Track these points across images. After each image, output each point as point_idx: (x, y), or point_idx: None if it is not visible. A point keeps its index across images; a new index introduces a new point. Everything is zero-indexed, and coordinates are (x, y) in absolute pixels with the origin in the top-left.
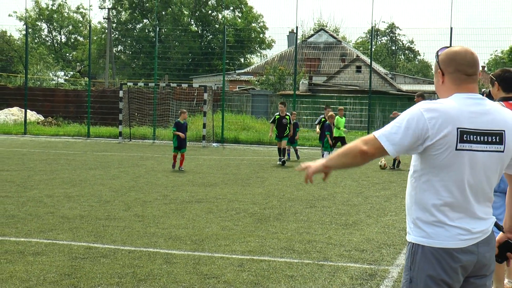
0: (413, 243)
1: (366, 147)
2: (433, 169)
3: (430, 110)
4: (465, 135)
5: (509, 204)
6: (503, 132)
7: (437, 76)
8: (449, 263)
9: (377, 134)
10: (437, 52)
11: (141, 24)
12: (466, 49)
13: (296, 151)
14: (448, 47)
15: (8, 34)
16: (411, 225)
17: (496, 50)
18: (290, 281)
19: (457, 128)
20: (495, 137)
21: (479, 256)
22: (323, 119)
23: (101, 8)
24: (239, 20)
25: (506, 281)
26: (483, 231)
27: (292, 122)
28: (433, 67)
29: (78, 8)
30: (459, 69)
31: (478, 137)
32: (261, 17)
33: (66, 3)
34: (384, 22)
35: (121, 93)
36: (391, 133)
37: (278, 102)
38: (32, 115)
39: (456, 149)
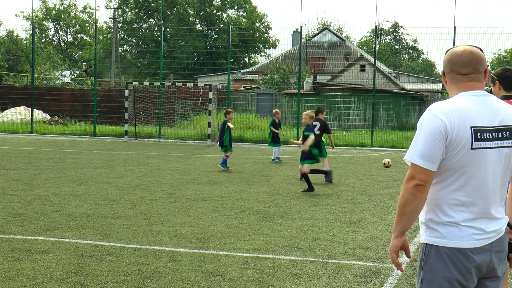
0: (426, 244)
1: (415, 180)
2: (448, 170)
3: (442, 111)
4: (479, 134)
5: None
6: None
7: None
8: (464, 264)
9: (412, 159)
10: (446, 51)
11: (146, 24)
12: (465, 49)
13: (226, 159)
14: (457, 46)
15: (15, 34)
16: (423, 227)
17: (500, 49)
18: (295, 278)
19: (471, 127)
20: (506, 133)
21: (492, 257)
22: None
23: (107, 8)
24: (244, 20)
25: None
26: (497, 231)
27: None
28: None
29: (84, 7)
30: (453, 69)
31: (491, 134)
32: (265, 16)
33: (76, 4)
34: (387, 21)
35: (126, 92)
36: (423, 152)
37: (283, 101)
38: (39, 114)
39: (472, 148)
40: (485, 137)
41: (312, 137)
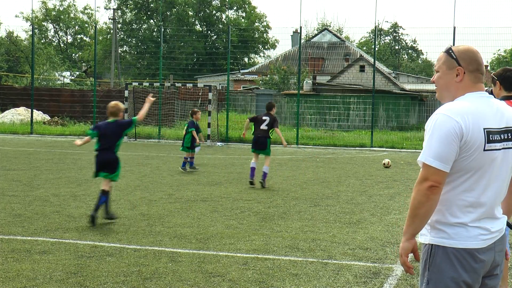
0: (432, 245)
1: (429, 182)
2: (459, 171)
3: (457, 112)
4: (490, 135)
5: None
6: None
7: (451, 73)
8: (471, 264)
9: (427, 160)
10: (450, 48)
11: (146, 25)
12: (475, 49)
13: (192, 161)
14: (455, 45)
15: (15, 34)
16: (427, 227)
17: (499, 50)
18: (295, 279)
19: (484, 129)
20: (510, 134)
21: (495, 255)
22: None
23: (107, 9)
24: (243, 20)
25: None
26: (499, 230)
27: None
28: (440, 63)
29: (84, 8)
30: (479, 69)
31: (499, 136)
32: (264, 17)
33: (75, 5)
34: (387, 21)
35: (126, 93)
36: (438, 153)
37: (283, 101)
38: (38, 115)
39: (484, 150)
40: (495, 138)
41: (87, 139)
